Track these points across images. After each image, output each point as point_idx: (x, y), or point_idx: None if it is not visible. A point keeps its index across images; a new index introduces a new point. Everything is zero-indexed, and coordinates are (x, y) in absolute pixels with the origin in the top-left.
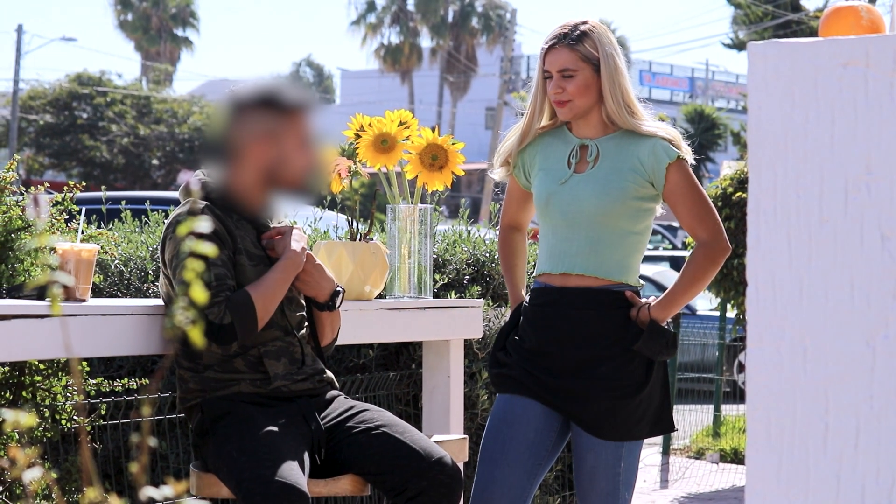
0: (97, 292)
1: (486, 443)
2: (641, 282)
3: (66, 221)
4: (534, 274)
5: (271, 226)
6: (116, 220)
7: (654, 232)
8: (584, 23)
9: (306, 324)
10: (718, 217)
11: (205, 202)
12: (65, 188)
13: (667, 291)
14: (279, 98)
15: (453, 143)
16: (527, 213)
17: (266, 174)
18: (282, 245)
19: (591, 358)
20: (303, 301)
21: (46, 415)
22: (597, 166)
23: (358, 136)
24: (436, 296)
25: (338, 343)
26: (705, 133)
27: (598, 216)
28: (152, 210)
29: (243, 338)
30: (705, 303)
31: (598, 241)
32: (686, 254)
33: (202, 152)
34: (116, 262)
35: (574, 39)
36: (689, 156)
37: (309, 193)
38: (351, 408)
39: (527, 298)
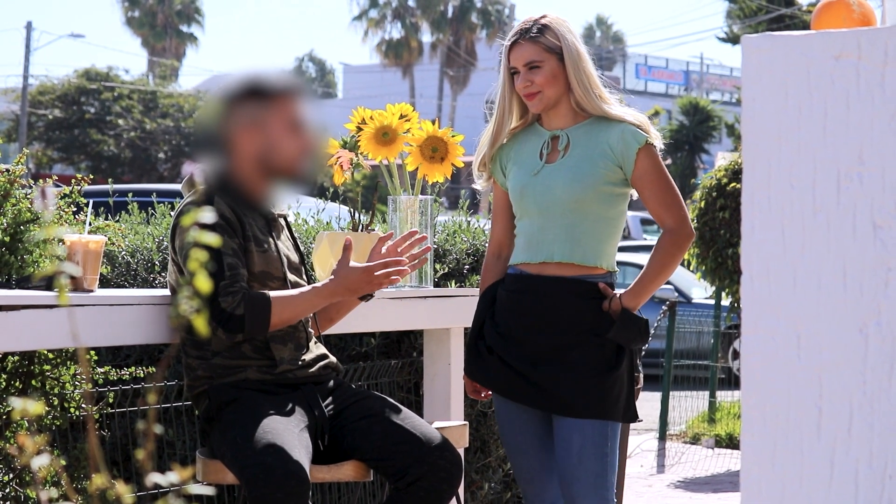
0: (104, 283)
1: (513, 461)
2: (617, 267)
3: (74, 213)
4: (510, 262)
5: (275, 213)
6: (123, 212)
7: (650, 222)
8: (544, 16)
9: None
10: (684, 203)
11: (212, 191)
12: (73, 181)
13: (636, 280)
14: (262, 85)
15: (453, 136)
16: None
17: (258, 163)
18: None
19: (563, 345)
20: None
21: (55, 403)
22: (567, 155)
23: (360, 129)
24: (436, 285)
25: (340, 331)
26: (700, 125)
27: (572, 203)
28: (159, 202)
29: (251, 333)
30: (700, 291)
31: (573, 227)
32: None
33: (195, 148)
34: (123, 253)
35: (535, 33)
36: (657, 140)
37: (306, 180)
38: (354, 395)
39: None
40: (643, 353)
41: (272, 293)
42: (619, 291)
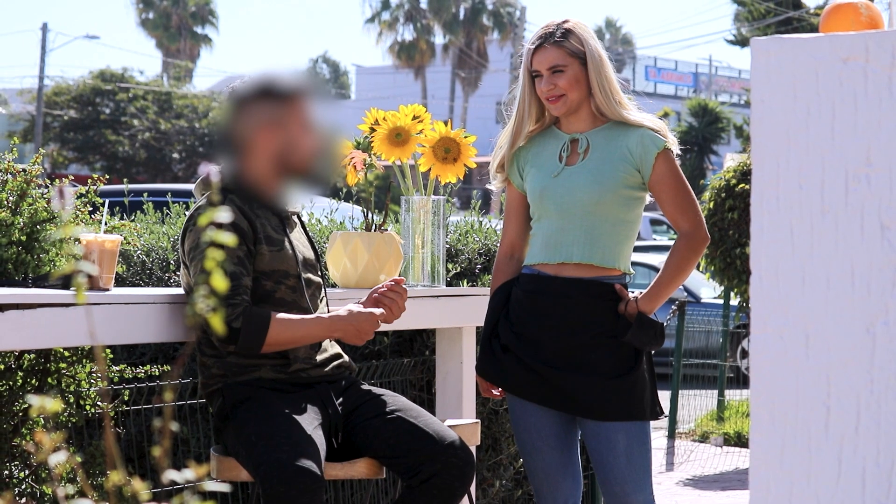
0: (120, 282)
1: (527, 459)
2: (632, 269)
3: (90, 213)
4: (526, 262)
5: (289, 211)
6: (139, 211)
7: (660, 222)
8: (566, 21)
9: (327, 311)
10: (699, 208)
11: (224, 193)
12: (88, 181)
13: (652, 283)
14: (276, 86)
15: (465, 137)
16: (528, 233)
17: (276, 161)
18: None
19: (581, 346)
20: (323, 287)
21: (71, 400)
22: (587, 158)
23: (373, 130)
24: (448, 284)
25: None
26: (709, 126)
27: (592, 205)
28: (173, 202)
29: (242, 349)
30: (709, 291)
31: (592, 229)
32: None
33: (213, 148)
34: (139, 252)
35: (560, 37)
36: (674, 146)
37: (319, 179)
38: (367, 393)
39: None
40: (653, 352)
41: (278, 316)
42: (634, 292)
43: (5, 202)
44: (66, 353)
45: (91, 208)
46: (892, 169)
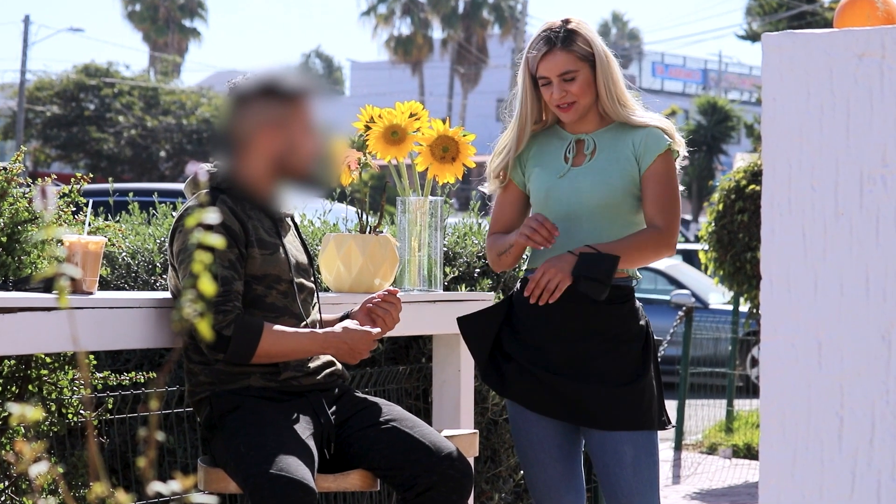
0: (104, 285)
1: (528, 471)
2: (639, 274)
3: (74, 213)
4: (527, 267)
5: (283, 214)
6: (124, 212)
7: None
8: (568, 21)
9: (319, 317)
10: (679, 220)
11: (216, 193)
12: (72, 180)
13: (614, 241)
14: (281, 86)
15: (464, 135)
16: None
17: (275, 162)
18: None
19: (586, 352)
20: (317, 293)
21: (53, 409)
22: (594, 158)
23: (368, 128)
24: (446, 289)
25: None
26: (718, 125)
27: (600, 207)
28: (160, 202)
29: (231, 358)
30: (718, 296)
31: (600, 231)
32: (699, 247)
33: (210, 144)
34: (124, 254)
35: (568, 41)
36: (682, 147)
37: (317, 182)
38: (361, 402)
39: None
40: (659, 359)
41: (270, 326)
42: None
43: None
44: (48, 360)
45: (74, 208)
46: None
